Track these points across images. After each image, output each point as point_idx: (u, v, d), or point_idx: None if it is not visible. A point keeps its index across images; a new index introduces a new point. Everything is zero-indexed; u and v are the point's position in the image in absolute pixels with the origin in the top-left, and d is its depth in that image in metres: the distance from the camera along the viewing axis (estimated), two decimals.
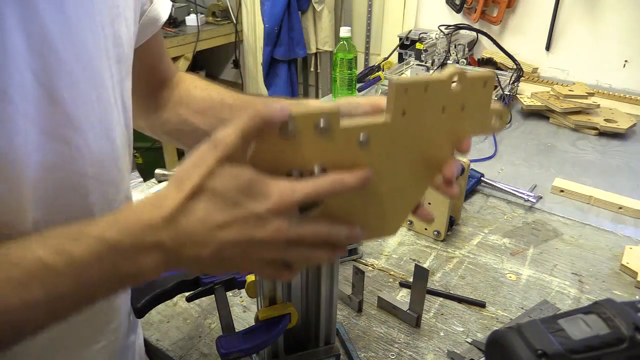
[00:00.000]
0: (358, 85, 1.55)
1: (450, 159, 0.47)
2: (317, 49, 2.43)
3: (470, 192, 1.02)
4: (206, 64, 2.93)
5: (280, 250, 0.37)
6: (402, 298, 0.74)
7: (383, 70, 1.59)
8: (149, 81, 0.62)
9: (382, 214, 0.48)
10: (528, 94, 1.46)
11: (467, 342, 0.66)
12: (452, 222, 0.88)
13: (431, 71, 1.45)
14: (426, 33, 1.65)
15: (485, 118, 0.48)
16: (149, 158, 2.57)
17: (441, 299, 0.74)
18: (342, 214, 0.44)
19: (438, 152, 0.47)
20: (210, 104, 0.62)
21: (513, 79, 1.45)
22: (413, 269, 0.65)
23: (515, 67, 1.50)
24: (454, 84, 0.44)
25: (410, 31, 1.80)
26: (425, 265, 0.73)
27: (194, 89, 0.65)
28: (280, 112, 0.36)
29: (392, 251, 0.85)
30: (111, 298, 0.51)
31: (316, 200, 0.42)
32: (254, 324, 0.52)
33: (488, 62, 1.66)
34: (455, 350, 0.65)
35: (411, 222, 0.90)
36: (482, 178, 1.04)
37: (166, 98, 0.65)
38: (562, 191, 1.02)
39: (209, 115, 0.61)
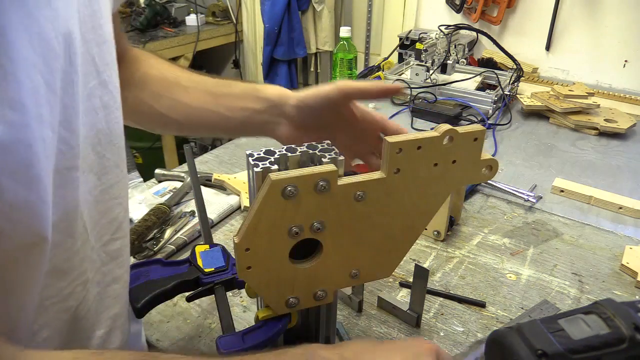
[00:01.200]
0: None
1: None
2: (317, 49, 2.43)
3: (470, 192, 1.02)
4: (206, 64, 2.93)
5: None
6: (402, 298, 0.74)
7: (383, 70, 1.59)
8: None
9: (377, 259, 0.52)
10: (528, 94, 1.46)
11: (471, 341, 0.66)
12: (452, 222, 0.88)
13: (431, 71, 1.45)
14: (426, 33, 1.65)
15: (475, 169, 0.51)
16: (149, 158, 2.57)
17: (441, 299, 0.74)
18: (340, 261, 0.48)
19: (430, 201, 0.50)
20: (166, 86, 0.61)
21: (513, 79, 1.45)
22: (413, 269, 0.65)
23: (515, 67, 1.50)
24: (445, 141, 0.47)
25: (410, 31, 1.80)
26: (425, 265, 0.73)
27: (150, 69, 0.64)
28: None
29: None
30: (109, 299, 0.51)
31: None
32: (254, 324, 0.52)
33: (488, 62, 1.66)
34: (455, 350, 0.65)
35: None
36: None
37: (121, 76, 0.64)
38: (562, 191, 1.02)
39: (165, 97, 0.61)
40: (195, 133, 0.65)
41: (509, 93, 1.43)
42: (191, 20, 2.54)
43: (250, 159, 0.47)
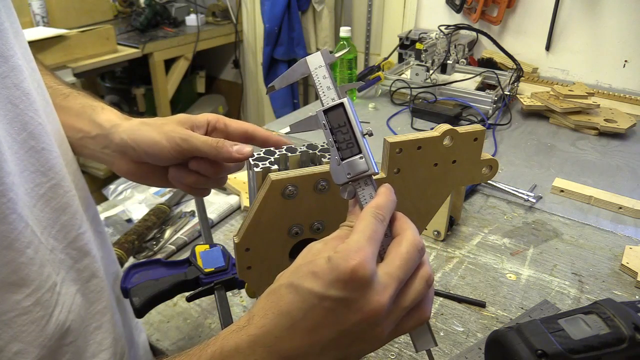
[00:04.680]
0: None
1: None
2: (317, 49, 2.43)
3: (470, 192, 1.02)
4: (206, 64, 2.93)
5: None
6: None
7: (383, 70, 1.59)
8: None
9: None
10: (528, 94, 1.46)
11: (471, 341, 0.66)
12: (452, 222, 0.88)
13: (431, 71, 1.45)
14: (426, 33, 1.65)
15: (476, 169, 0.51)
16: None
17: (441, 299, 0.74)
18: None
19: (430, 201, 0.50)
20: None
21: (513, 79, 1.45)
22: None
23: (515, 67, 1.50)
24: (445, 141, 0.47)
25: (410, 31, 1.80)
26: None
27: None
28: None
29: None
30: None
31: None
32: None
33: (488, 62, 1.66)
34: (455, 350, 0.65)
35: None
36: None
37: None
38: (562, 191, 1.02)
39: None
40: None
41: (509, 93, 1.43)
42: (191, 20, 2.54)
43: (250, 159, 0.47)
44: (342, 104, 0.39)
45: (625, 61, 1.62)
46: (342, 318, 0.34)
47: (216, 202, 0.96)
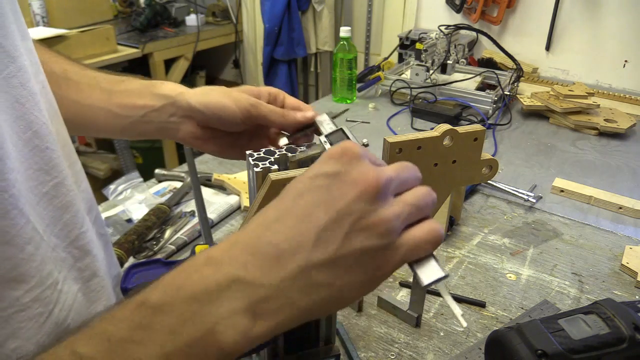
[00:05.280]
0: (358, 85, 1.55)
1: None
2: (317, 49, 2.43)
3: (470, 192, 1.02)
4: (206, 64, 2.93)
5: None
6: (402, 298, 0.74)
7: (383, 70, 1.59)
8: None
9: None
10: (528, 94, 1.46)
11: (471, 341, 0.66)
12: (452, 222, 0.88)
13: (431, 71, 1.45)
14: (426, 33, 1.65)
15: (476, 169, 0.50)
16: (149, 158, 2.57)
17: (441, 298, 0.74)
18: None
19: None
20: (53, 81, 0.54)
21: (513, 79, 1.45)
22: None
23: (515, 67, 1.50)
24: (445, 141, 0.46)
25: (410, 31, 1.80)
26: None
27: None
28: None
29: None
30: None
31: None
32: None
33: (488, 62, 1.66)
34: (455, 350, 0.65)
35: None
36: None
37: None
38: (562, 191, 1.02)
39: (53, 93, 0.53)
40: (89, 133, 0.59)
41: (509, 93, 1.43)
42: (191, 20, 2.54)
43: (250, 159, 0.47)
44: (341, 128, 0.45)
45: (625, 61, 1.63)
46: (337, 193, 0.31)
47: (216, 202, 0.96)
